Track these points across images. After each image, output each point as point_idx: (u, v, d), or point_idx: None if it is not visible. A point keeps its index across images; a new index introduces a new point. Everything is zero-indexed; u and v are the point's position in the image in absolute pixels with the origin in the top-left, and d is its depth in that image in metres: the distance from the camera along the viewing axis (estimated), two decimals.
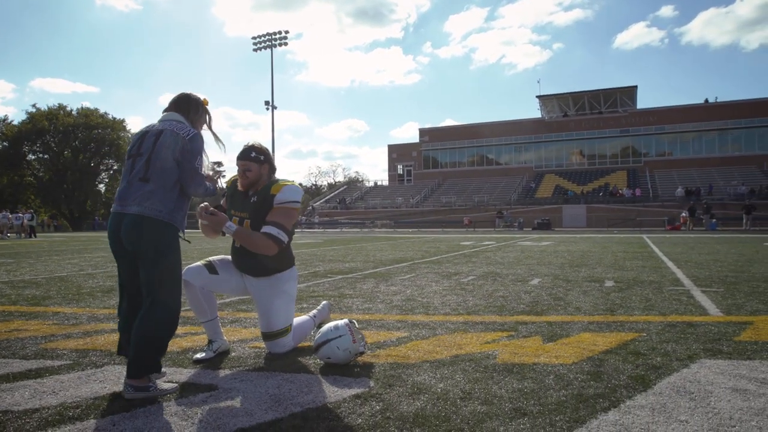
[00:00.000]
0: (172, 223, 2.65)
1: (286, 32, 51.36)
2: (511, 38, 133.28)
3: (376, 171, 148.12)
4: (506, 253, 12.35)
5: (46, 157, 59.44)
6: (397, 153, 57.35)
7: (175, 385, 2.64)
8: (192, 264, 3.28)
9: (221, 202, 3.41)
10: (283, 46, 49.32)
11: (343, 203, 51.61)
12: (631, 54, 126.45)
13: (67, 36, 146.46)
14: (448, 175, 53.79)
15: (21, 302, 5.51)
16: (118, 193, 2.69)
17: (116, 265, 2.77)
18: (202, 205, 3.14)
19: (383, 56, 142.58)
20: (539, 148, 51.13)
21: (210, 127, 3.01)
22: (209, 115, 2.99)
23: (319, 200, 56.16)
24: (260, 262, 3.19)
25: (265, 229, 3.07)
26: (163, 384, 2.59)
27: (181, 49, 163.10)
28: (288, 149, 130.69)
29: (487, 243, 17.14)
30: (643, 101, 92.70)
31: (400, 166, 57.15)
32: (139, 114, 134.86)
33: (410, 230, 35.89)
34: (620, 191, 41.45)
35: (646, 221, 35.19)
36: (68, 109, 59.55)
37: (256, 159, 3.21)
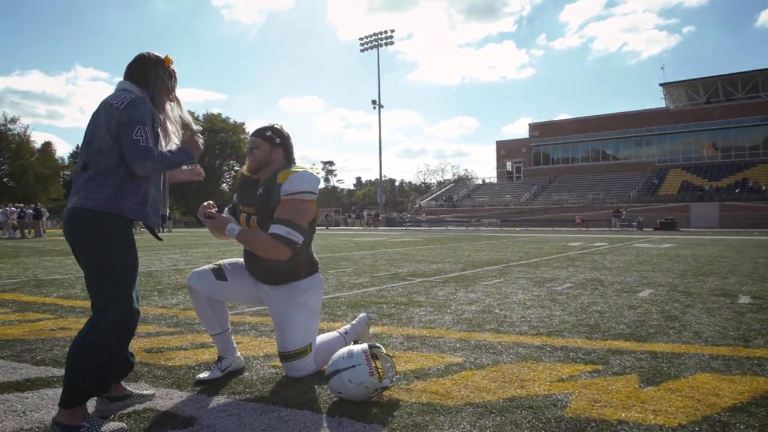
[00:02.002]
0: (116, 212, 2.14)
1: (392, 31, 51.54)
2: (634, 24, 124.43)
3: (486, 169, 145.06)
4: (617, 256, 10.95)
5: None
6: (505, 149, 55.26)
7: (121, 425, 2.12)
8: (198, 268, 2.82)
9: (233, 197, 2.92)
10: (390, 46, 49.43)
11: (450, 201, 50.69)
12: None
13: (200, 49, 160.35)
14: (560, 172, 50.80)
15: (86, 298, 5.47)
16: None
17: None
18: (203, 204, 2.67)
19: (495, 51, 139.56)
20: (663, 140, 46.59)
21: (173, 95, 2.41)
22: (173, 78, 2.39)
23: (426, 198, 55.68)
24: (273, 268, 2.64)
25: (273, 229, 2.52)
26: (105, 426, 2.08)
27: (299, 55, 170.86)
28: (399, 148, 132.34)
29: (598, 244, 15.55)
30: None
31: (508, 163, 55.01)
32: (260, 117, 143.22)
33: (517, 229, 34.20)
34: (763, 187, 36.49)
35: None
36: (195, 114, 64.89)
37: (269, 138, 2.68)
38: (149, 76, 2.30)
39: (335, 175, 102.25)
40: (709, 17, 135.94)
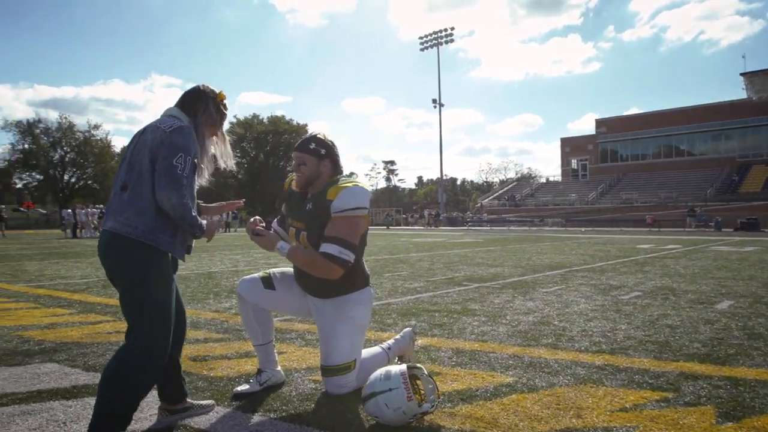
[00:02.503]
0: (153, 244, 2.09)
1: (452, 29, 51.00)
2: (711, 11, 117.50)
3: (551, 167, 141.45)
4: (692, 260, 10.22)
5: (244, 161, 67.40)
6: (570, 147, 53.38)
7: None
8: (248, 276, 2.77)
9: (282, 208, 2.85)
10: (450, 44, 48.95)
11: (512, 200, 49.59)
12: None
13: (266, 53, 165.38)
14: (629, 169, 48.50)
15: None
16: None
17: None
18: (251, 219, 2.60)
19: (560, 46, 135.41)
20: (744, 134, 43.49)
21: (221, 130, 2.39)
22: (222, 114, 2.37)
23: (487, 197, 54.75)
24: (321, 281, 2.57)
25: (324, 248, 2.46)
26: None
27: (360, 56, 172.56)
28: (460, 147, 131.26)
29: (671, 247, 14.65)
30: None
31: (574, 161, 53.11)
32: (324, 118, 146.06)
33: (582, 229, 32.91)
34: None
35: None
36: (260, 117, 67.10)
37: (314, 152, 2.58)
38: (198, 108, 2.28)
39: (396, 175, 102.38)
40: None
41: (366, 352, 2.76)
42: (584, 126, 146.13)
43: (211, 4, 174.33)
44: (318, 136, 2.64)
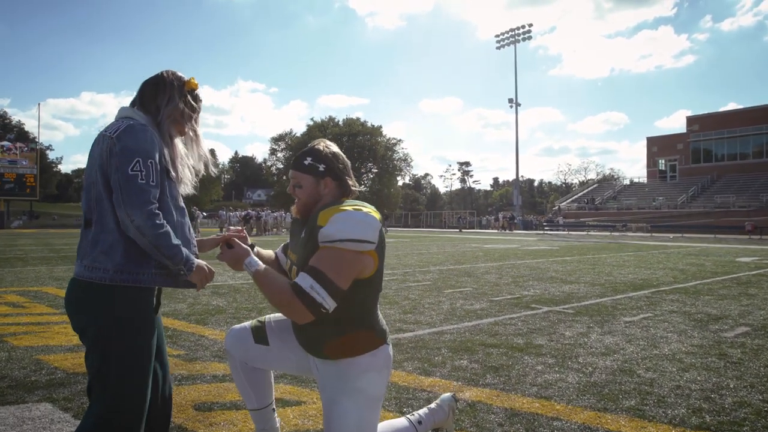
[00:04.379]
0: (131, 284, 1.66)
1: (530, 26, 49.26)
2: None
3: (635, 168, 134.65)
4: None
5: None
6: (657, 146, 49.89)
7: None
8: (237, 325, 2.23)
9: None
10: (529, 41, 47.29)
11: (591, 203, 47.03)
12: None
13: (346, 57, 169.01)
14: (725, 170, 44.55)
15: (183, 317, 5.30)
16: None
17: None
18: (233, 228, 2.06)
19: (649, 39, 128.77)
20: None
21: (189, 126, 1.86)
22: (192, 106, 1.85)
23: (565, 200, 52.32)
24: (317, 334, 1.93)
25: (297, 278, 1.81)
26: None
27: (438, 56, 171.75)
28: (539, 147, 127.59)
29: None
30: None
31: (661, 161, 49.60)
32: (401, 119, 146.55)
33: (671, 236, 30.42)
34: None
35: None
36: (336, 120, 68.16)
37: (310, 169, 1.95)
38: (160, 100, 1.78)
39: (471, 176, 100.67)
40: None
41: (386, 426, 2.16)
42: (674, 124, 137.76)
43: (294, 12, 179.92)
44: (316, 147, 2.00)
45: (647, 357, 3.91)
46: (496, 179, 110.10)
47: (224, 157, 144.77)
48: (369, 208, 1.88)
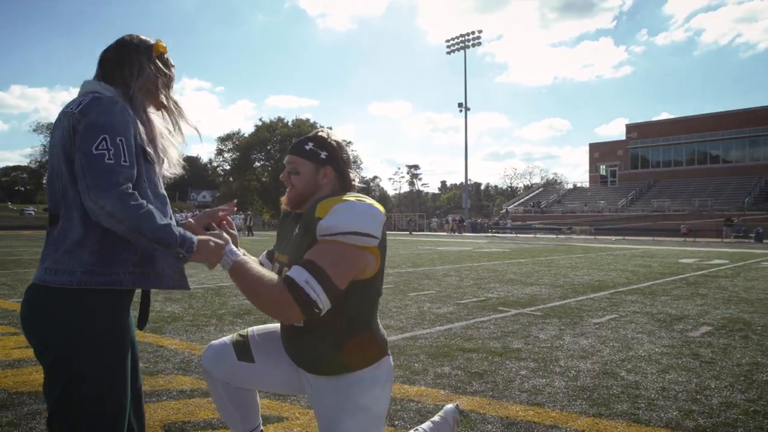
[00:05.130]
0: (104, 286, 1.39)
1: (480, 32, 50.11)
2: (750, 13, 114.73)
3: (577, 172, 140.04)
4: (749, 281, 9.22)
5: (268, 163, 67.65)
6: (599, 152, 51.86)
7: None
8: (216, 341, 1.96)
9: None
10: (478, 48, 48.28)
11: (537, 207, 48.33)
12: None
13: (295, 58, 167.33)
14: (661, 176, 46.84)
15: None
16: None
17: None
18: (215, 209, 1.73)
19: (591, 49, 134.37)
20: None
21: (166, 96, 1.59)
22: (167, 74, 1.59)
23: (512, 203, 53.52)
24: (314, 347, 1.70)
25: (292, 272, 1.56)
26: None
27: (388, 60, 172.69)
28: (485, 151, 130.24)
29: (717, 262, 13.56)
30: None
31: (602, 167, 51.57)
32: (350, 122, 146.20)
33: (613, 238, 31.60)
34: None
35: None
36: (285, 120, 67.48)
37: (311, 155, 1.74)
38: (126, 71, 1.50)
39: (420, 179, 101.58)
40: None
41: None
42: (613, 131, 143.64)
43: (242, 9, 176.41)
44: (319, 133, 1.80)
45: (625, 359, 3.90)
46: (444, 182, 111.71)
47: None
48: (372, 201, 1.69)
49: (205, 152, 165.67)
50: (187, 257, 1.42)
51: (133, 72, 1.51)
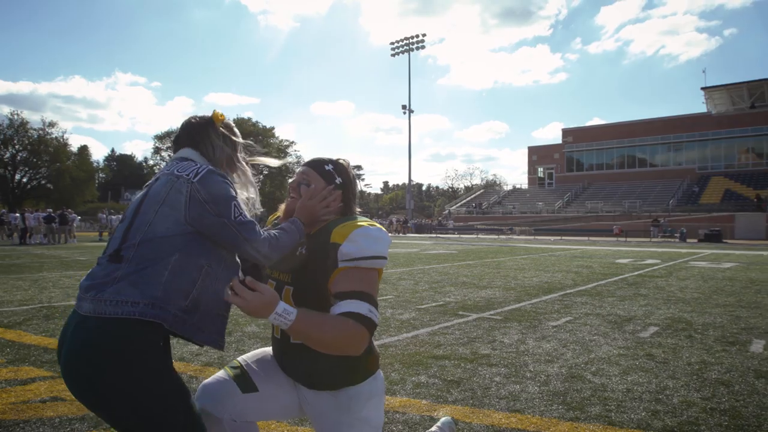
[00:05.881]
0: (157, 320, 1.43)
1: (424, 35, 50.82)
2: (673, 27, 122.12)
3: (515, 174, 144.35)
4: (682, 280, 9.87)
5: None
6: (537, 155, 53.82)
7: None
8: (209, 379, 1.83)
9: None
10: (421, 50, 48.82)
11: (479, 208, 49.53)
12: None
13: (236, 54, 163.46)
14: (594, 179, 49.18)
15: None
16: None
17: None
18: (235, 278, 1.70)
19: (529, 56, 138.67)
20: (704, 146, 44.64)
21: (237, 159, 1.78)
22: (230, 140, 1.76)
23: (455, 204, 54.59)
24: (316, 363, 1.72)
25: (349, 306, 1.59)
26: None
27: (331, 60, 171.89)
28: (427, 152, 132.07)
29: (650, 262, 14.40)
30: None
31: (540, 169, 53.56)
32: (292, 121, 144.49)
33: (551, 238, 32.90)
34: None
35: None
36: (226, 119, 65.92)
37: (328, 175, 1.80)
38: (202, 145, 1.70)
39: (363, 180, 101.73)
40: (752, 19, 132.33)
41: None
42: (549, 134, 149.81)
43: (180, 2, 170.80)
44: (339, 160, 1.86)
45: (588, 362, 4.11)
46: (386, 183, 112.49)
47: (99, 154, 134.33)
48: (377, 224, 1.76)
49: (140, 150, 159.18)
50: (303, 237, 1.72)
51: (207, 150, 1.69)
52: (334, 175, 1.80)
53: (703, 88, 45.89)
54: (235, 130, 1.80)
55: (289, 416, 1.93)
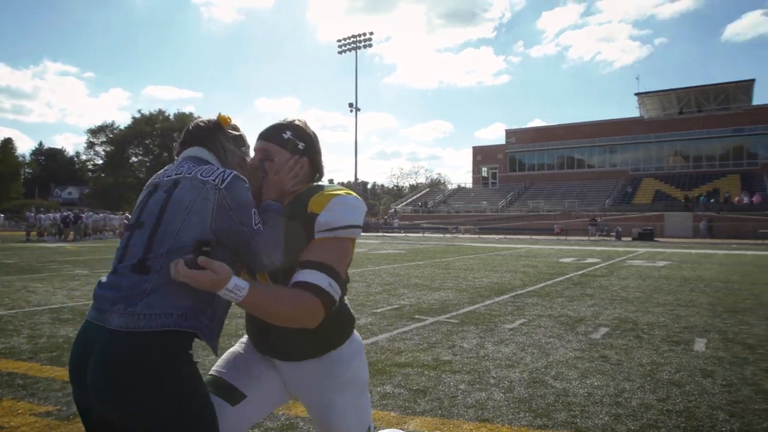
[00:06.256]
0: (192, 330, 1.43)
1: (371, 33, 50.72)
2: (608, 34, 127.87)
3: (459, 173, 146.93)
4: (624, 280, 10.30)
5: (146, 159, 63.33)
6: (481, 155, 54.97)
7: None
8: None
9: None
10: (368, 48, 48.80)
11: (424, 206, 50.06)
12: (744, 46, 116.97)
13: (178, 47, 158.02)
14: (536, 179, 50.76)
15: (27, 356, 4.43)
16: (98, 286, 1.48)
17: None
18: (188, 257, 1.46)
19: (473, 57, 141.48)
20: (637, 149, 46.96)
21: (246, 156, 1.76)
22: (239, 143, 1.73)
23: (401, 203, 54.95)
24: (298, 335, 1.66)
25: (305, 276, 1.54)
26: None
27: (276, 55, 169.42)
28: (373, 150, 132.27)
29: (591, 261, 14.98)
30: (761, 97, 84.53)
31: (484, 169, 54.74)
32: (236, 117, 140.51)
33: (496, 237, 33.69)
34: (736, 198, 36.92)
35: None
36: (167, 113, 63.51)
37: (289, 144, 1.71)
38: (215, 150, 1.66)
39: None
40: (680, 30, 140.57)
41: None
42: (491, 135, 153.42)
43: None
44: (296, 123, 1.77)
45: (547, 365, 4.20)
46: (331, 180, 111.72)
47: (25, 148, 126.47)
48: (353, 192, 1.72)
49: (71, 144, 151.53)
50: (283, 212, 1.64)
51: (219, 154, 1.65)
52: (295, 142, 1.72)
53: (636, 94, 48.24)
54: (238, 128, 1.75)
55: (278, 406, 1.85)
